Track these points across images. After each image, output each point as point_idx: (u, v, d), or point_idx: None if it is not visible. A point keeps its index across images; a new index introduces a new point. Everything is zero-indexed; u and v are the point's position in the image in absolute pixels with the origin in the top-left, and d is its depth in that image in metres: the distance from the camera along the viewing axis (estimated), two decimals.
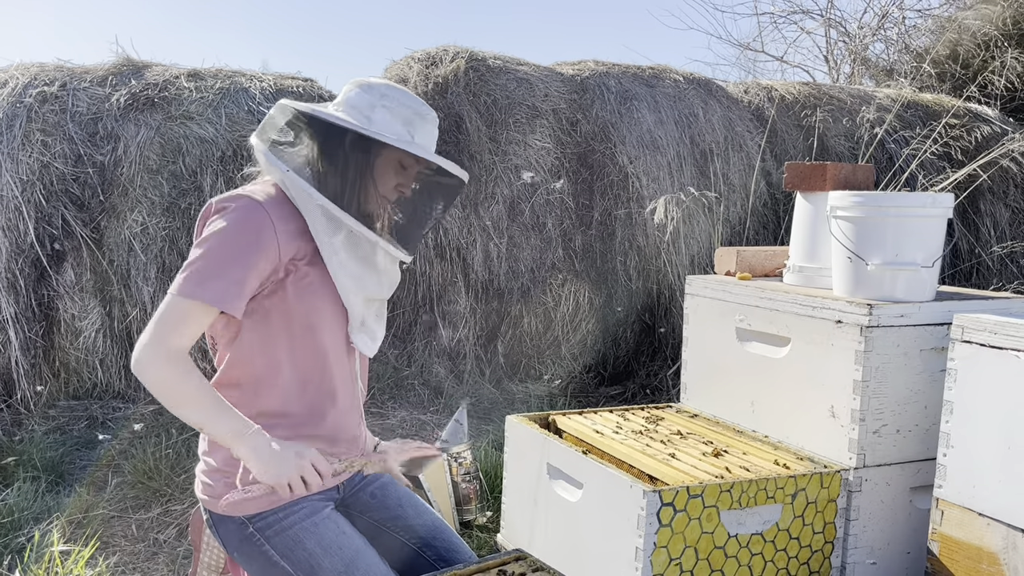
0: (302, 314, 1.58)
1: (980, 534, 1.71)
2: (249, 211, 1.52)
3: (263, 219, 1.52)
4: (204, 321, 1.50)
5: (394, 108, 1.61)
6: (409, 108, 1.62)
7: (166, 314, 1.49)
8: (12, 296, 4.05)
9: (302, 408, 1.62)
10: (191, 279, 1.48)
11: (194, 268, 1.49)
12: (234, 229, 1.50)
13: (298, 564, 1.56)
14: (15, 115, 4.26)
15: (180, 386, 1.48)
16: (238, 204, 1.53)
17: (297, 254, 1.56)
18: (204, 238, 1.51)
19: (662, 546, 1.76)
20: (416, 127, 1.62)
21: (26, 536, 2.73)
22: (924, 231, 2.00)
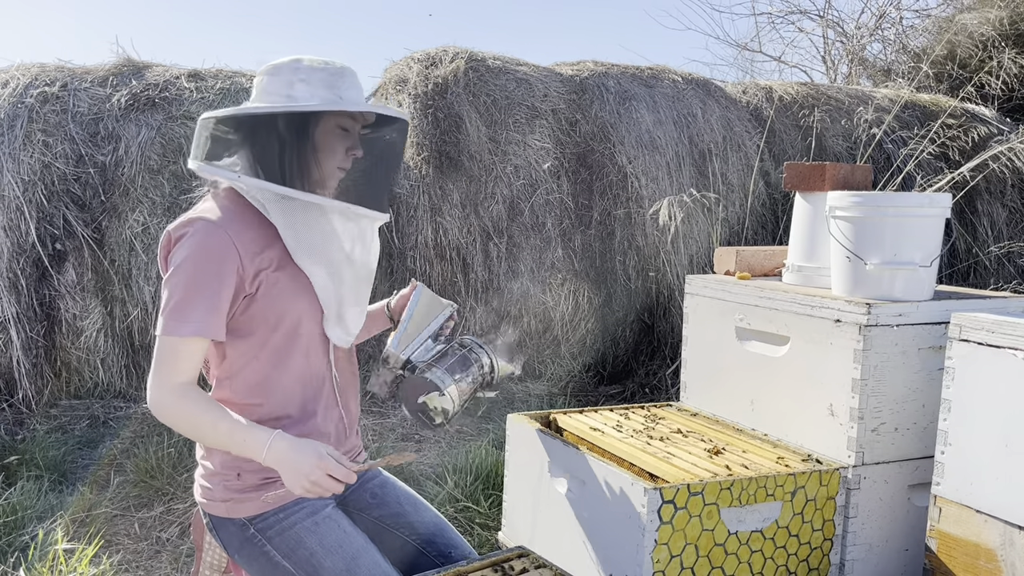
0: (280, 320, 1.59)
1: (978, 531, 1.73)
2: (206, 234, 1.52)
3: (221, 238, 1.52)
4: (196, 352, 1.52)
5: (310, 78, 1.58)
6: (324, 71, 1.59)
7: (160, 355, 1.52)
8: (14, 296, 4.06)
9: (295, 410, 1.64)
10: (171, 316, 1.51)
11: (172, 305, 1.51)
12: (196, 256, 1.51)
13: (300, 564, 1.57)
14: (16, 115, 4.27)
15: (192, 415, 1.51)
16: (195, 229, 1.53)
17: (262, 264, 1.56)
18: (171, 273, 1.53)
19: (663, 543, 1.78)
20: (339, 86, 1.59)
21: (30, 535, 2.75)
22: (922, 231, 2.02)
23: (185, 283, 1.50)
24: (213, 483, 1.62)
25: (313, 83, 1.58)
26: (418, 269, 4.64)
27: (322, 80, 1.58)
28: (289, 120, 1.56)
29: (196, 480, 1.68)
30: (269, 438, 1.49)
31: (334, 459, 1.49)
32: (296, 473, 1.46)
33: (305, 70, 1.58)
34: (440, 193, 4.68)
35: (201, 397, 1.52)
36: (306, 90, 1.57)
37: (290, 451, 1.47)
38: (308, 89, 1.57)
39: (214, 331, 1.52)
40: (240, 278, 1.54)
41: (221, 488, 1.61)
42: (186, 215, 1.58)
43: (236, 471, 1.60)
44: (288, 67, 1.59)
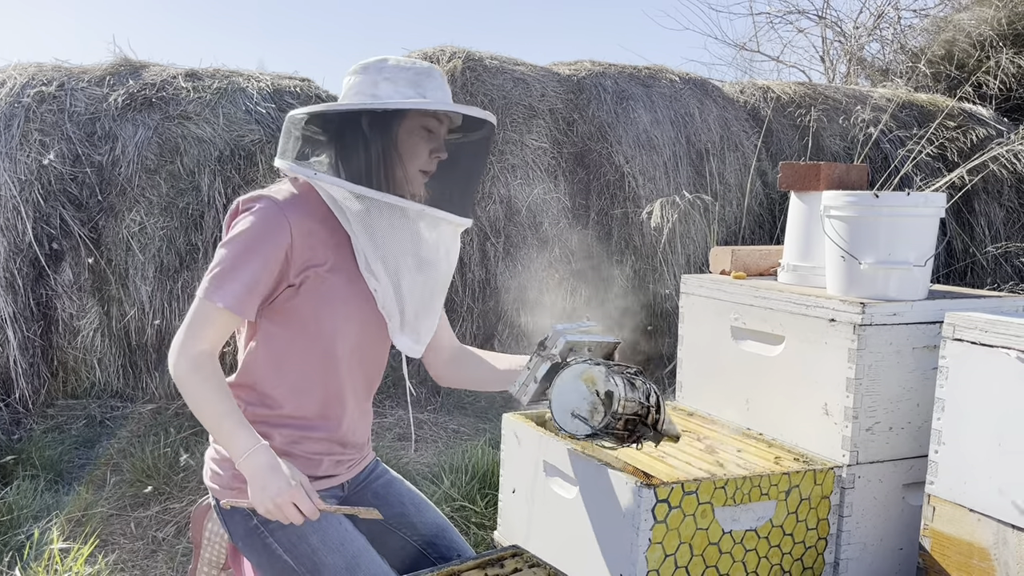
0: (318, 321, 1.58)
1: (971, 530, 1.73)
2: (267, 212, 1.53)
3: (280, 220, 1.52)
4: (224, 324, 1.52)
5: (395, 76, 1.57)
6: (410, 70, 1.58)
7: (193, 317, 1.52)
8: (10, 296, 4.06)
9: (313, 411, 1.64)
10: (213, 282, 1.51)
11: (216, 271, 1.51)
12: (252, 231, 1.52)
13: (300, 559, 1.57)
14: (13, 115, 4.27)
15: (197, 391, 1.50)
16: (259, 205, 1.54)
17: (315, 260, 1.55)
18: (226, 240, 1.54)
19: (657, 542, 1.78)
20: (424, 85, 1.58)
21: (25, 534, 2.75)
22: (916, 230, 2.02)
23: (233, 255, 1.51)
24: (223, 469, 1.62)
25: (398, 82, 1.57)
26: None
27: (407, 79, 1.57)
28: (372, 118, 1.55)
29: (206, 462, 1.69)
30: (251, 446, 1.46)
31: (304, 491, 1.46)
32: (263, 491, 1.45)
33: (390, 69, 1.58)
34: None
35: (213, 374, 1.51)
36: (390, 89, 1.56)
37: (265, 468, 1.45)
38: (393, 88, 1.56)
39: (245, 310, 1.52)
40: (287, 264, 1.53)
41: (229, 476, 1.61)
42: (258, 191, 1.59)
43: None
44: (374, 66, 1.59)
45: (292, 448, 1.62)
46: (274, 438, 1.60)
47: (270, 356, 1.60)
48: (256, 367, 1.61)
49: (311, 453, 1.64)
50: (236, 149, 4.43)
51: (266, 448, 1.48)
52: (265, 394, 1.61)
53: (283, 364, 1.60)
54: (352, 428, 1.70)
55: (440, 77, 1.61)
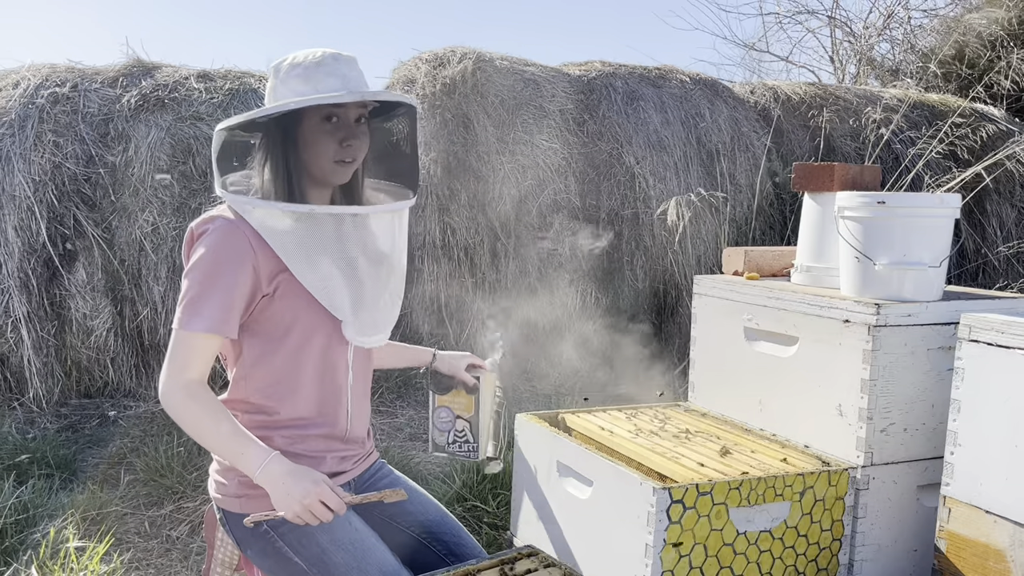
0: (296, 323, 1.60)
1: (987, 531, 1.73)
2: (225, 232, 1.53)
3: (239, 236, 1.53)
4: (208, 348, 1.53)
5: (288, 78, 1.55)
6: (300, 67, 1.54)
7: (173, 350, 1.53)
8: (25, 295, 4.08)
9: (312, 412, 1.65)
10: (186, 311, 1.52)
11: (187, 300, 1.52)
12: (213, 253, 1.52)
13: (311, 559, 1.58)
14: (27, 116, 4.30)
15: (196, 419, 1.51)
16: (215, 226, 1.54)
17: (281, 265, 1.56)
18: (189, 268, 1.54)
19: (672, 543, 1.78)
20: (315, 78, 1.52)
21: (41, 532, 2.76)
22: (932, 231, 2.02)
23: (201, 279, 1.52)
24: (227, 478, 1.64)
25: (291, 82, 1.54)
26: (425, 268, 4.65)
27: (298, 76, 1.53)
28: (269, 128, 1.55)
29: (211, 475, 1.70)
30: (265, 458, 1.47)
31: (328, 487, 1.47)
32: (288, 497, 1.45)
33: (284, 71, 1.56)
34: (448, 193, 4.69)
35: (208, 399, 1.52)
36: (286, 91, 1.54)
37: (284, 475, 1.46)
38: (287, 89, 1.54)
39: (226, 329, 1.53)
40: (257, 277, 1.54)
41: (235, 484, 1.62)
42: (209, 212, 1.60)
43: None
44: (273, 70, 1.59)
45: (294, 447, 1.63)
46: (275, 440, 1.61)
47: (258, 366, 1.61)
48: (246, 380, 1.63)
49: (313, 451, 1.65)
50: None
51: (279, 456, 1.48)
52: (260, 404, 1.62)
53: (272, 371, 1.61)
54: (351, 422, 1.71)
55: (333, 62, 1.53)
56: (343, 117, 1.56)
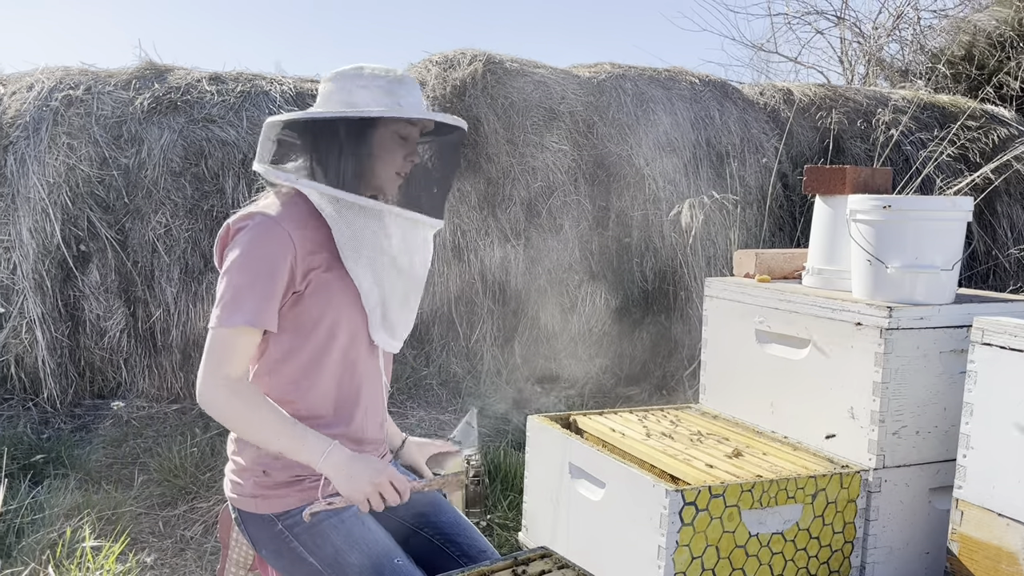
0: (323, 320, 1.62)
1: (999, 534, 1.73)
2: (264, 227, 1.56)
3: (279, 232, 1.56)
4: (248, 343, 1.55)
5: (370, 85, 1.62)
6: (384, 78, 1.63)
7: (213, 347, 1.54)
8: (39, 297, 4.12)
9: (328, 410, 1.66)
10: (226, 308, 1.53)
11: (227, 298, 1.54)
12: (253, 249, 1.55)
13: (325, 560, 1.59)
14: (41, 118, 4.33)
15: (246, 415, 1.54)
16: (253, 223, 1.57)
17: (314, 263, 1.59)
18: (228, 266, 1.56)
19: (684, 545, 1.79)
20: (399, 93, 1.63)
21: (57, 532, 2.79)
22: (943, 234, 2.02)
23: (240, 275, 1.54)
24: (243, 478, 1.65)
25: (373, 90, 1.62)
26: (436, 270, 4.66)
27: (382, 87, 1.62)
28: (349, 125, 1.60)
29: (226, 475, 1.71)
30: (326, 446, 1.51)
31: (394, 471, 1.53)
32: (352, 481, 1.50)
33: (366, 77, 1.63)
34: (458, 195, 4.71)
35: (254, 394, 1.55)
36: (367, 96, 1.61)
37: (348, 461, 1.52)
38: (369, 95, 1.61)
39: (266, 321, 1.55)
40: (292, 273, 1.57)
41: (251, 484, 1.63)
42: (246, 209, 1.62)
43: (263, 468, 1.63)
44: (350, 74, 1.64)
45: None
46: None
47: (284, 362, 1.63)
48: (270, 375, 1.64)
49: None
50: None
51: (339, 444, 1.53)
52: (280, 400, 1.64)
53: (297, 367, 1.63)
54: (367, 423, 1.73)
55: (412, 83, 1.66)
56: (410, 135, 1.66)
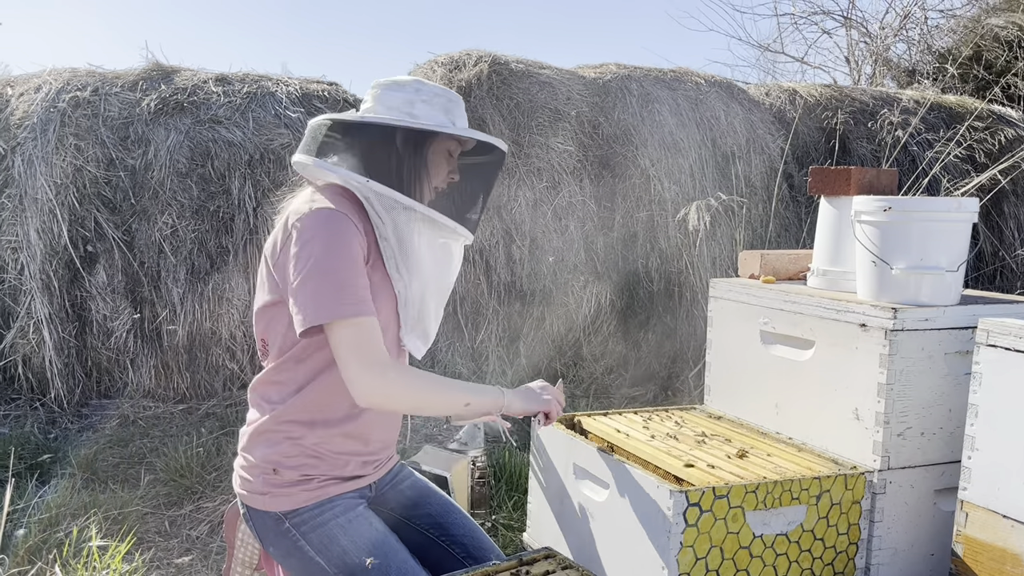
0: None
1: (1004, 536, 1.73)
2: (336, 220, 1.56)
3: (347, 222, 1.57)
4: (377, 328, 1.55)
5: (431, 100, 1.68)
6: (443, 97, 1.70)
7: (357, 341, 1.52)
8: (46, 297, 4.14)
9: (343, 410, 1.66)
10: (346, 303, 1.52)
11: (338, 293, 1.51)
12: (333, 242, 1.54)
13: (332, 559, 1.60)
14: (49, 120, 4.35)
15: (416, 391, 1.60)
16: (324, 217, 1.56)
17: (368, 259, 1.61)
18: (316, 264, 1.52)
19: (688, 546, 1.79)
20: (454, 113, 1.70)
21: (64, 531, 2.80)
22: (949, 235, 2.02)
23: (338, 268, 1.53)
24: (253, 475, 1.65)
25: (434, 106, 1.67)
26: None
27: (441, 105, 1.68)
28: (410, 135, 1.64)
29: (235, 470, 1.72)
30: (499, 393, 1.70)
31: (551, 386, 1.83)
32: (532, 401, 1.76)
33: (428, 92, 1.68)
34: None
35: (409, 369, 1.60)
36: (427, 111, 1.67)
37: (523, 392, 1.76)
38: (429, 110, 1.67)
39: (372, 308, 1.56)
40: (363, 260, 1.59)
41: (260, 481, 1.64)
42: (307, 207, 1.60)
43: (274, 466, 1.63)
44: (411, 86, 1.69)
45: (320, 448, 1.64)
46: (307, 438, 1.63)
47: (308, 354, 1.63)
48: (293, 366, 1.64)
49: (338, 452, 1.67)
50: (266, 153, 4.49)
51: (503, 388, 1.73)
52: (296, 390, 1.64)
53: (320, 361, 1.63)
54: (379, 428, 1.73)
55: (463, 105, 1.75)
56: (455, 153, 1.73)
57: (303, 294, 1.52)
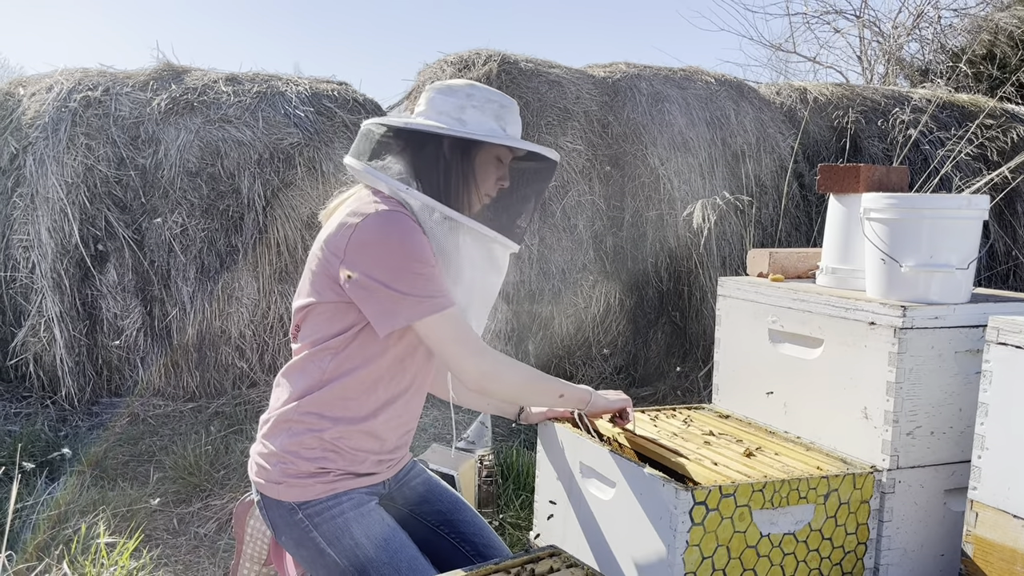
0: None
1: (1015, 536, 1.71)
2: (398, 220, 1.56)
3: (412, 221, 1.58)
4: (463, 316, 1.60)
5: (482, 106, 1.64)
6: (495, 102, 1.66)
7: (457, 332, 1.56)
8: (58, 296, 4.16)
9: (367, 409, 1.66)
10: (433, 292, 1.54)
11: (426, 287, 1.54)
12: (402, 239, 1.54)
13: (343, 552, 1.61)
14: (60, 119, 4.38)
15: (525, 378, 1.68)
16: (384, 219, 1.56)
17: None
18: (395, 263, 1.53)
19: (694, 544, 1.78)
20: (506, 120, 1.67)
21: (73, 528, 2.82)
22: (959, 233, 2.00)
23: (413, 267, 1.54)
24: (270, 463, 1.65)
25: (485, 112, 1.64)
26: None
27: (493, 111, 1.65)
28: (457, 143, 1.62)
29: (252, 456, 1.71)
30: (588, 391, 1.85)
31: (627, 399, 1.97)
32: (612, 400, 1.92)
33: (479, 98, 1.65)
34: None
35: (504, 355, 1.65)
36: (477, 117, 1.64)
37: (605, 393, 1.93)
38: (479, 117, 1.64)
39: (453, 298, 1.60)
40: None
41: (278, 470, 1.64)
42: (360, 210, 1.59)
43: (292, 456, 1.63)
44: (463, 91, 1.65)
45: (339, 443, 1.64)
46: (326, 433, 1.63)
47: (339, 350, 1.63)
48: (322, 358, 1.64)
49: (355, 449, 1.67)
50: (275, 152, 4.50)
51: (589, 389, 1.86)
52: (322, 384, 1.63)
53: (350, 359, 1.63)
54: (398, 428, 1.73)
55: (516, 110, 1.70)
56: (505, 160, 1.70)
57: (383, 296, 1.53)
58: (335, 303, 1.60)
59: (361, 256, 1.54)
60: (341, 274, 1.57)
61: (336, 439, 1.64)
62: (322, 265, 1.61)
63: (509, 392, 1.66)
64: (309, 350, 1.65)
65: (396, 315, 1.53)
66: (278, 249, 4.38)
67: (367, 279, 1.53)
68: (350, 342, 1.61)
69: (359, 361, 1.62)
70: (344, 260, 1.56)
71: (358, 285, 1.54)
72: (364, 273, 1.53)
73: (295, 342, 1.70)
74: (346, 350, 1.62)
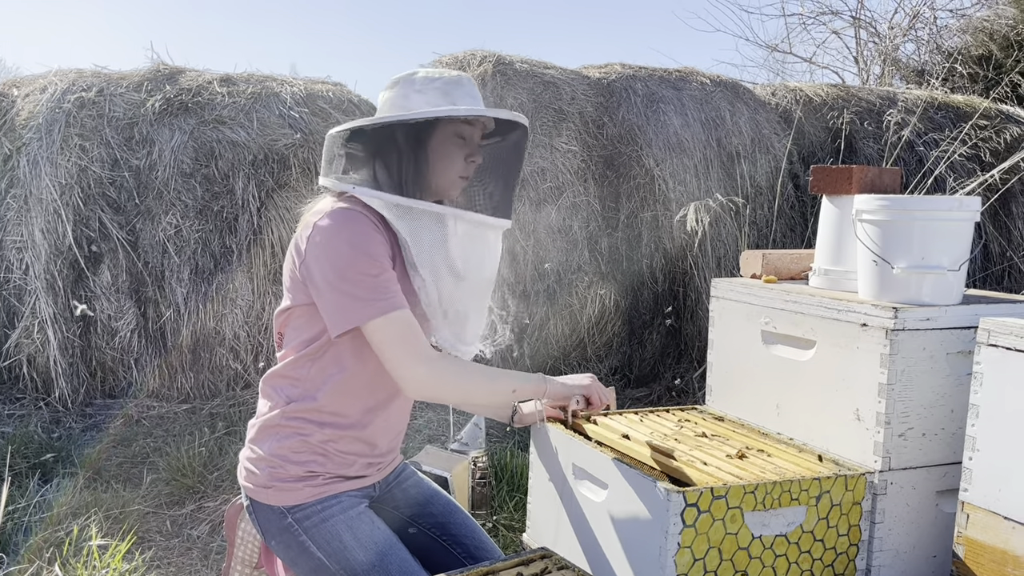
0: None
1: (1006, 537, 1.71)
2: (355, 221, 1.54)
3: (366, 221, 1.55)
4: (414, 320, 1.55)
5: (424, 88, 1.61)
6: (438, 80, 1.62)
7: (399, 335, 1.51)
8: (51, 297, 4.15)
9: (354, 414, 1.65)
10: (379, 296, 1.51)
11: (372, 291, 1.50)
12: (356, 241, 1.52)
13: (333, 555, 1.60)
14: (54, 120, 4.37)
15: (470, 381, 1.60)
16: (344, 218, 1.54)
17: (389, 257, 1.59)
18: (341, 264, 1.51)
19: (686, 546, 1.78)
20: (454, 95, 1.61)
21: (65, 530, 2.81)
22: (950, 235, 2.00)
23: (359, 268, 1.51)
24: (258, 467, 1.65)
25: (428, 93, 1.60)
26: None
27: (438, 89, 1.60)
28: (404, 130, 1.58)
29: (241, 461, 1.71)
30: (541, 380, 1.76)
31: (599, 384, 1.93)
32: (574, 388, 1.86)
33: (420, 81, 1.61)
34: None
35: (452, 359, 1.60)
36: (421, 100, 1.60)
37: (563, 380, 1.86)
38: (423, 99, 1.60)
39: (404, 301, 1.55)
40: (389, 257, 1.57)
41: (266, 475, 1.63)
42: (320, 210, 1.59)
43: (280, 460, 1.63)
44: (404, 80, 1.63)
45: (327, 447, 1.64)
46: (314, 436, 1.63)
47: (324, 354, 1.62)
48: (308, 363, 1.63)
49: (345, 452, 1.66)
50: (270, 153, 4.49)
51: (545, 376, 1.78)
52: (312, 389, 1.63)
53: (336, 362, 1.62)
54: (387, 432, 1.72)
55: (469, 84, 1.64)
56: (470, 136, 1.64)
57: (332, 298, 1.52)
58: (310, 305, 1.59)
59: (315, 256, 1.54)
60: (302, 274, 1.57)
61: (324, 443, 1.63)
62: (291, 267, 1.62)
63: (454, 399, 1.64)
64: (292, 356, 1.65)
65: (344, 317, 1.51)
66: (272, 250, 4.38)
67: (320, 279, 1.53)
68: (328, 347, 1.61)
69: (340, 366, 1.61)
70: (304, 260, 1.56)
71: (313, 285, 1.54)
72: (317, 273, 1.53)
73: (279, 349, 1.70)
74: (325, 356, 1.61)
